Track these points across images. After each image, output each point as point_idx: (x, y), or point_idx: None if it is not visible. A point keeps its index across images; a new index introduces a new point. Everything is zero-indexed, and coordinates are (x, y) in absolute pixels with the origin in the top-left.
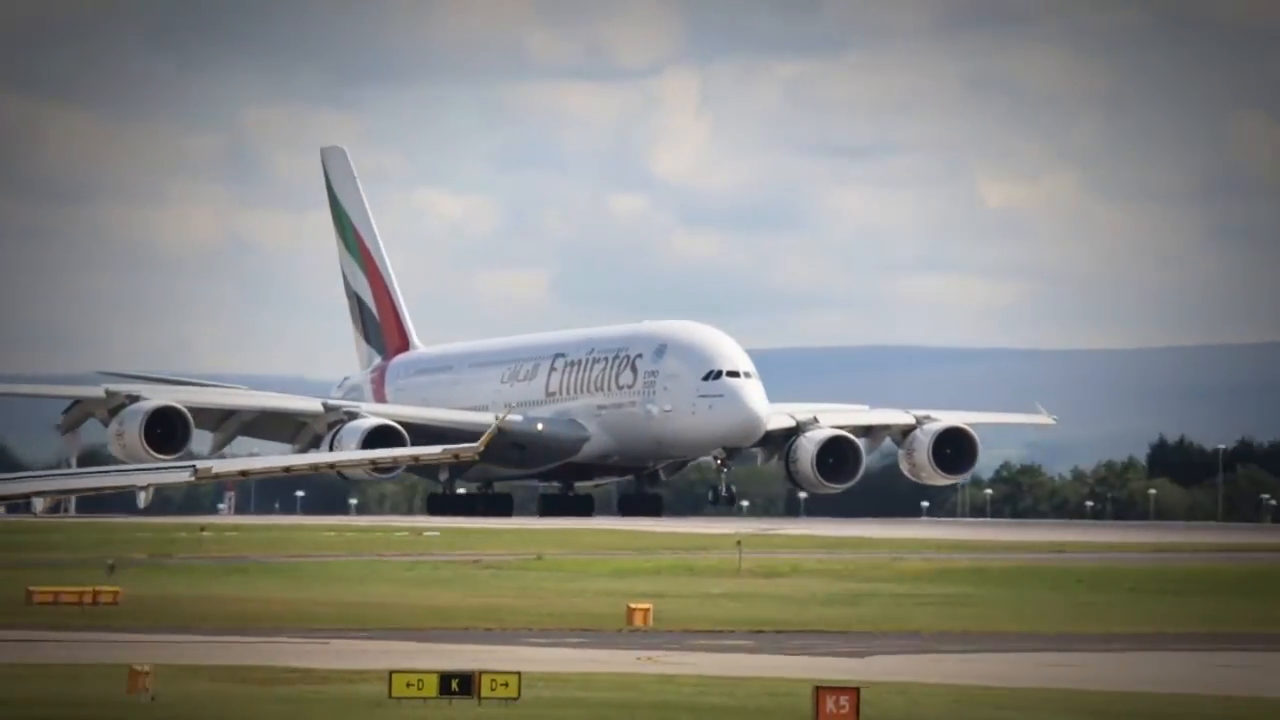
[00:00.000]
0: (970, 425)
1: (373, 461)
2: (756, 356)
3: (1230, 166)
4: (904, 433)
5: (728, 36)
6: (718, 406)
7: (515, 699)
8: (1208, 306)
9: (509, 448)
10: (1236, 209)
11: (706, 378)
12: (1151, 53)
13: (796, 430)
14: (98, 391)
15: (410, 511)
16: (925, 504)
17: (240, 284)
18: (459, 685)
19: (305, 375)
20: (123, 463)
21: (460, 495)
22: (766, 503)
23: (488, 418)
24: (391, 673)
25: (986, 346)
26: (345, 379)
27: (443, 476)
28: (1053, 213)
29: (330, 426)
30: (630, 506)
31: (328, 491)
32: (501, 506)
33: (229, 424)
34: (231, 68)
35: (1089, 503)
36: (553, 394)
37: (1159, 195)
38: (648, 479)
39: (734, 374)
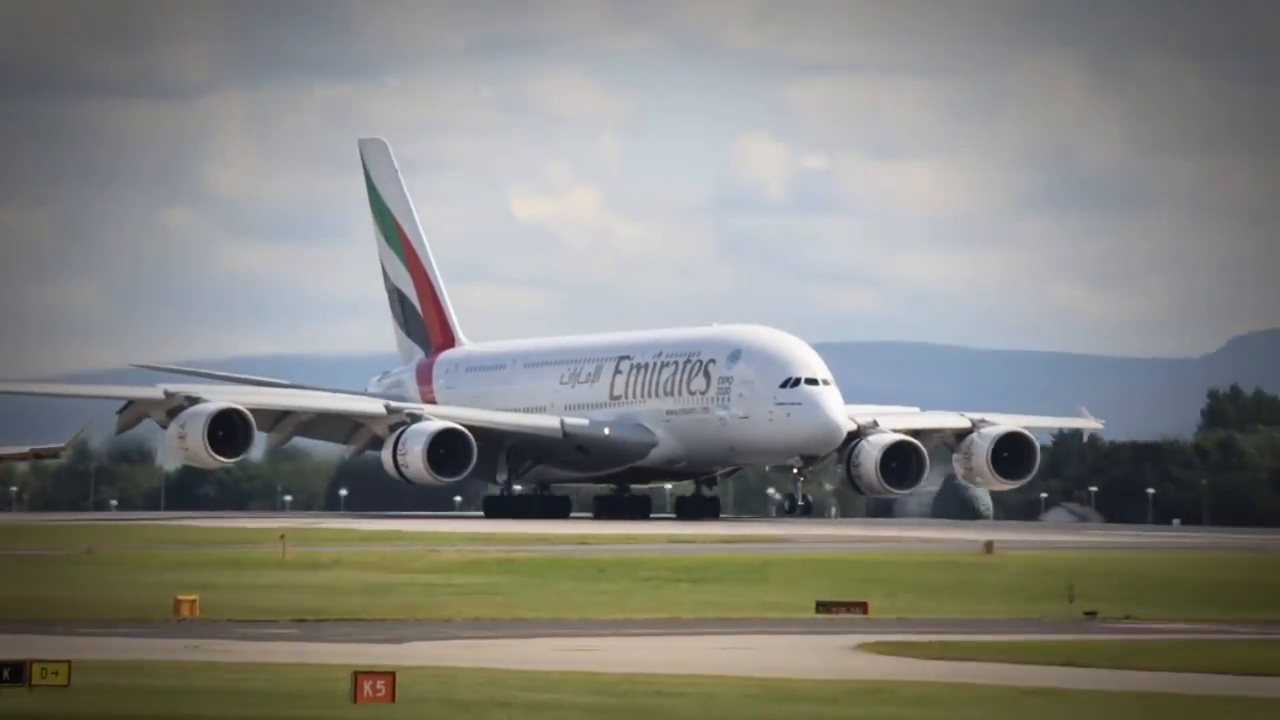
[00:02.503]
0: (1026, 429)
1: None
2: (307, 361)
3: (738, 183)
4: (958, 436)
5: (273, 58)
6: (796, 414)
7: (66, 686)
8: (722, 313)
9: (573, 450)
10: (745, 223)
11: (784, 385)
12: (667, 77)
13: (857, 434)
14: (155, 392)
15: None
16: None
17: None
18: (10, 674)
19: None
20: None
21: (517, 496)
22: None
23: (552, 420)
24: None
25: None
26: (385, 374)
27: (500, 478)
28: (578, 227)
29: (392, 429)
30: (688, 509)
31: None
32: (559, 508)
33: (285, 424)
34: None
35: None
36: (617, 397)
37: (675, 210)
38: (705, 482)
39: (812, 381)
